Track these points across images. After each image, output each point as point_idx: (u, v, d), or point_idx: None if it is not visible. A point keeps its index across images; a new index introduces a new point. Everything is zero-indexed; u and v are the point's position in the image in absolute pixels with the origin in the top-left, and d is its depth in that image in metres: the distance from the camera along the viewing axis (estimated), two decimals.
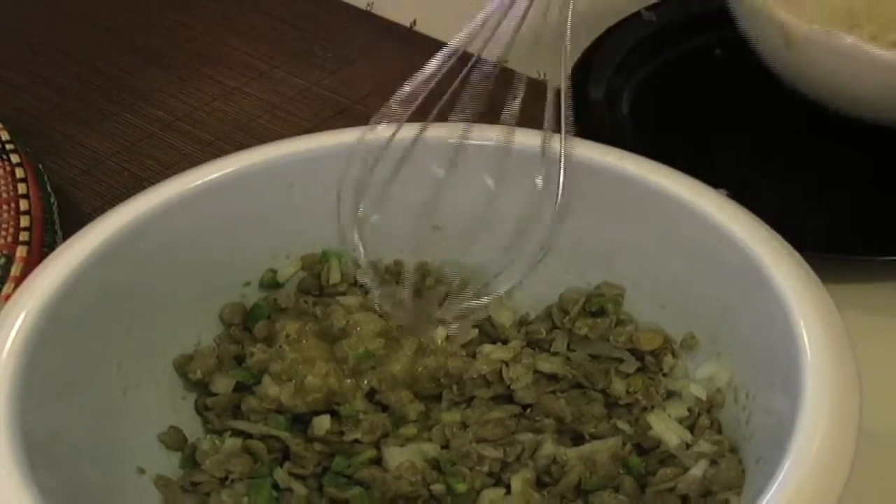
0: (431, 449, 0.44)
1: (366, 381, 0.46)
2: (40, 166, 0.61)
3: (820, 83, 0.59)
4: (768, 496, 0.34)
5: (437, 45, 0.79)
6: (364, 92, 0.71)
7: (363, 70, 0.74)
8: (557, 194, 0.45)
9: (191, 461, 0.45)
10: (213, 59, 0.75)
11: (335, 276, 0.49)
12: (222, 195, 0.47)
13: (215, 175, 0.47)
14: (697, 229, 0.43)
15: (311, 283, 0.50)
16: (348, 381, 0.46)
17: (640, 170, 0.45)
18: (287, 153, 0.47)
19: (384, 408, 0.46)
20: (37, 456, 0.36)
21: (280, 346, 0.47)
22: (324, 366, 0.46)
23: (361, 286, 0.49)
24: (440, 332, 0.47)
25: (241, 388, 0.47)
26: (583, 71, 0.67)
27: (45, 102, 0.71)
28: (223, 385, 0.47)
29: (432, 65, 0.45)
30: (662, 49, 0.70)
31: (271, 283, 0.50)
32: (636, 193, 0.45)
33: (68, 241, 0.44)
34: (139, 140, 0.68)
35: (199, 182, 0.47)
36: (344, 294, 0.49)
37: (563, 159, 0.44)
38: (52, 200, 0.58)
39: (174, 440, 0.46)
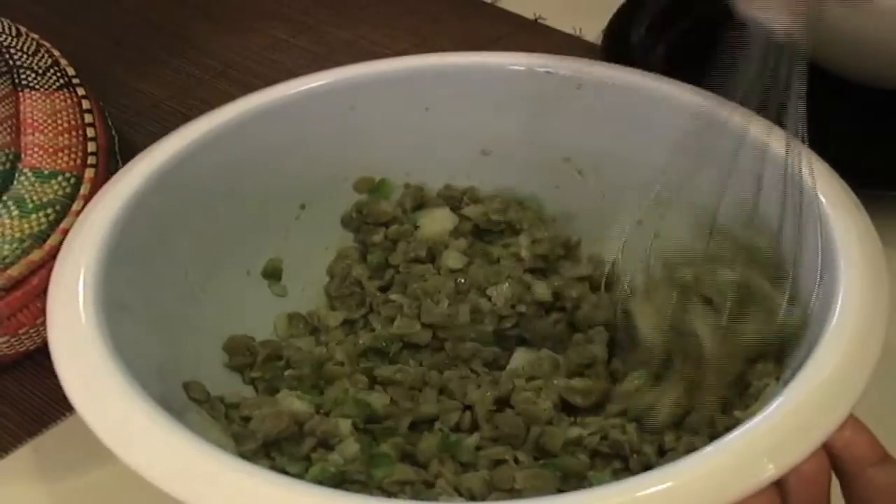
0: None
1: None
2: (101, 103, 0.64)
3: (827, 40, 0.61)
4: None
5: (479, 4, 0.82)
6: (405, 45, 0.74)
7: (406, 26, 0.76)
8: None
9: None
10: (262, 12, 0.78)
11: (387, 206, 0.52)
12: (285, 116, 0.50)
13: (280, 96, 0.50)
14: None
15: (353, 217, 0.52)
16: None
17: (685, 94, 0.48)
18: (351, 76, 0.50)
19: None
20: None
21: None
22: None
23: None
24: None
25: None
26: (619, 28, 0.70)
27: (100, 51, 0.74)
28: None
29: None
30: (693, 7, 0.72)
31: (274, 273, 0.51)
32: (678, 115, 0.48)
33: (144, 152, 0.47)
34: (192, 86, 0.71)
35: (262, 103, 0.50)
36: (389, 224, 0.52)
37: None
38: (112, 133, 0.61)
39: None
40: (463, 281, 0.48)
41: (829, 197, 0.43)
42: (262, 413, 0.43)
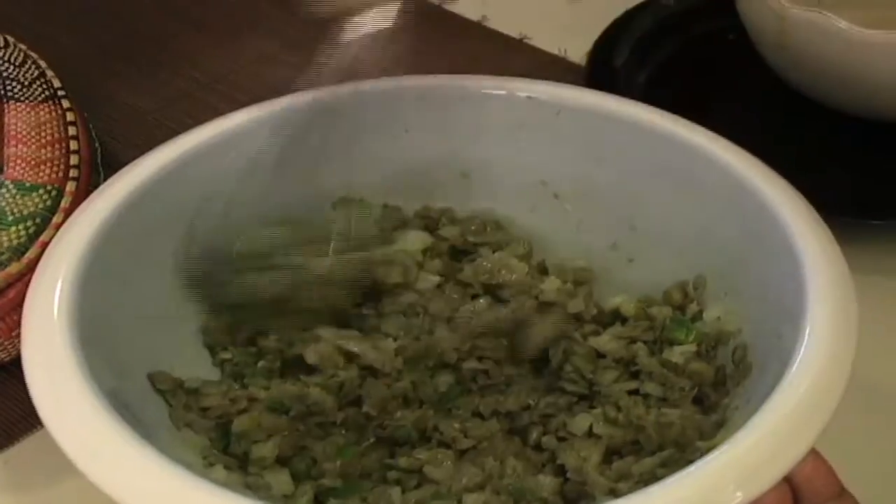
0: None
1: None
2: (85, 114, 0.64)
3: (812, 69, 0.62)
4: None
5: (466, 23, 0.82)
6: (390, 65, 0.74)
7: (391, 44, 0.77)
8: None
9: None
10: (250, 26, 0.78)
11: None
12: (266, 135, 0.50)
13: (262, 114, 0.51)
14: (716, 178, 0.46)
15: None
16: None
17: (665, 123, 0.48)
18: (333, 96, 0.51)
19: None
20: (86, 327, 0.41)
21: None
22: None
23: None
24: None
25: None
26: (603, 51, 0.70)
27: (87, 62, 0.74)
28: None
29: None
30: (678, 32, 0.73)
31: None
32: (656, 144, 0.48)
33: (127, 167, 0.48)
34: (177, 99, 0.71)
35: (244, 121, 0.51)
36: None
37: None
38: (96, 145, 0.61)
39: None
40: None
41: (797, 224, 0.43)
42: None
